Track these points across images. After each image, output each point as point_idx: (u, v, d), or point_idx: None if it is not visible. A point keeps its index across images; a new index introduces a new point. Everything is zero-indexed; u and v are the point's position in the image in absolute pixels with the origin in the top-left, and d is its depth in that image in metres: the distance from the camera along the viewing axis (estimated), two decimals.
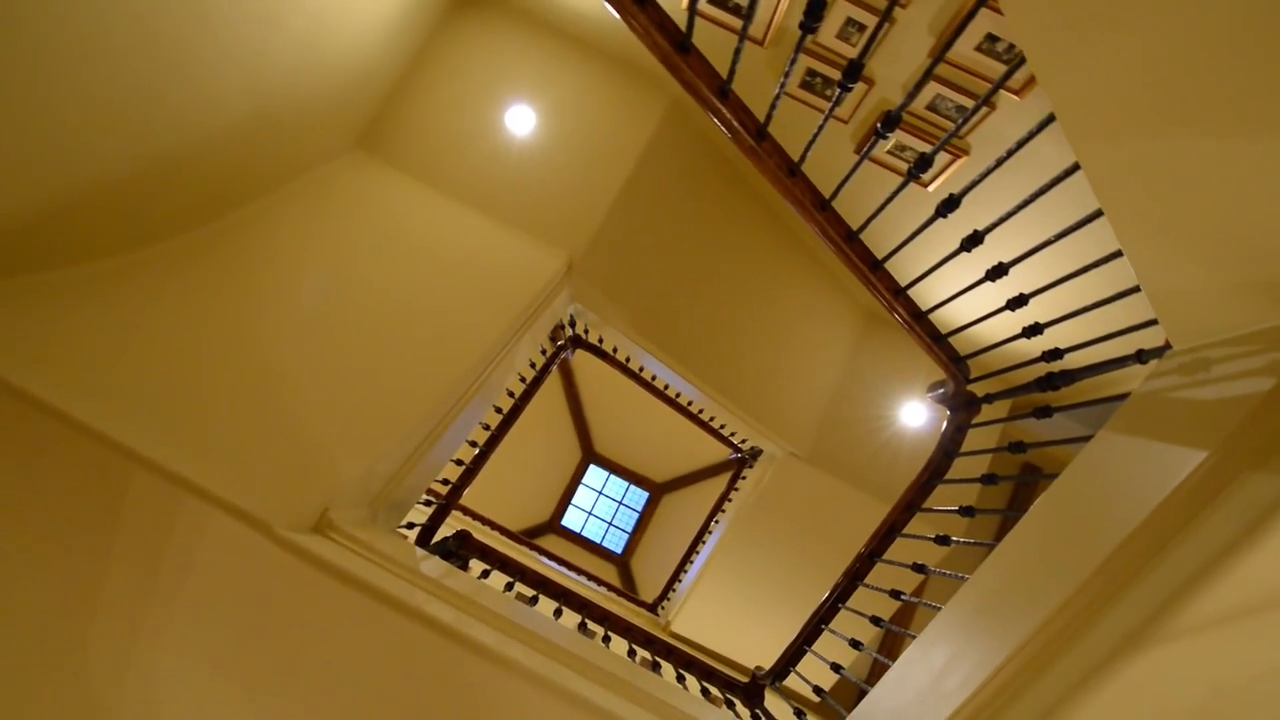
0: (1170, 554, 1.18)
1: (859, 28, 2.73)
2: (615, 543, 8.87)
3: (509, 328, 2.87)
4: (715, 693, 2.92)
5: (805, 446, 4.43)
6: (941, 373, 2.53)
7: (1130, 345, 1.75)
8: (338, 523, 1.99)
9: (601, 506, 8.98)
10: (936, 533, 2.43)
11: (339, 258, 2.82)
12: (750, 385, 4.27)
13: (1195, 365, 1.37)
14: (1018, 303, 1.97)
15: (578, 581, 5.46)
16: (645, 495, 8.92)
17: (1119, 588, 1.21)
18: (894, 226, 2.33)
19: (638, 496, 8.95)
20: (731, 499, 5.60)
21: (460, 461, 3.71)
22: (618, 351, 4.90)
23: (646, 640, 2.99)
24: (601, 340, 4.89)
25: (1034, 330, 2.00)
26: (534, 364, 4.42)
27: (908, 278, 2.25)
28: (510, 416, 4.18)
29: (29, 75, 1.63)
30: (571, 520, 8.89)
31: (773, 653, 2.99)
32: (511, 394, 4.18)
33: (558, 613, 2.67)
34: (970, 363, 2.44)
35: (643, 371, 5.10)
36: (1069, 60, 1.06)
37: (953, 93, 2.76)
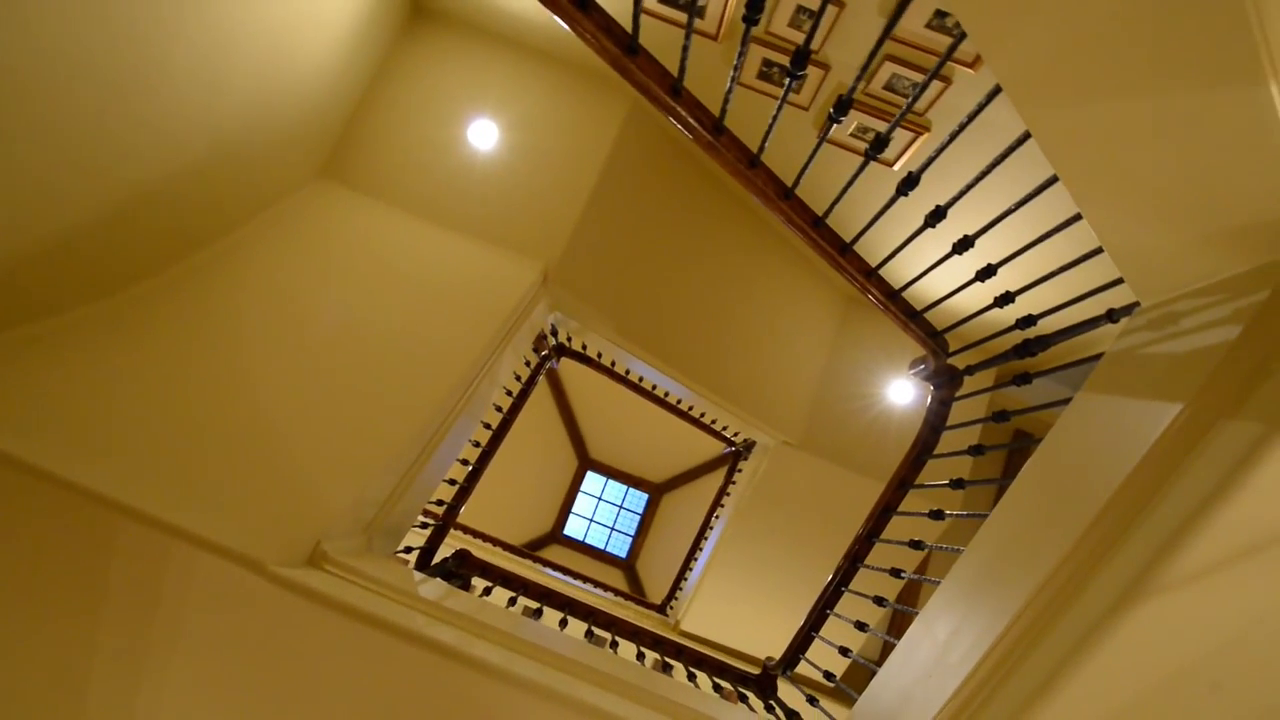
0: (1157, 507, 1.19)
1: (810, 14, 2.74)
2: (619, 547, 8.86)
3: (489, 343, 2.86)
4: (728, 688, 2.92)
5: (797, 434, 4.44)
6: (921, 349, 2.55)
7: (1101, 306, 1.77)
8: (332, 554, 1.97)
9: (602, 512, 8.97)
10: (931, 508, 2.45)
11: (312, 288, 2.80)
12: (737, 378, 4.28)
13: (1164, 320, 1.39)
14: (987, 273, 1.98)
15: (583, 590, 5.44)
16: (645, 497, 8.92)
17: (1111, 544, 1.22)
18: (865, 209, 2.33)
19: (637, 499, 8.95)
20: (730, 493, 5.60)
21: (454, 481, 3.69)
22: (602, 356, 4.89)
23: (655, 642, 2.99)
24: (585, 347, 4.88)
25: (1006, 299, 2.02)
26: (519, 376, 4.41)
27: (881, 258, 2.26)
28: (500, 431, 4.17)
29: None
30: (574, 529, 8.88)
31: (784, 642, 2.99)
32: (499, 408, 4.16)
33: (563, 623, 2.66)
34: (950, 335, 2.45)
35: (629, 374, 5.10)
36: (1007, 31, 1.07)
37: (908, 71, 2.78)
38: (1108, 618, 1.17)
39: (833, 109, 1.55)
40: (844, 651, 2.65)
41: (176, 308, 2.49)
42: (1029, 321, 2.00)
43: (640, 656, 2.80)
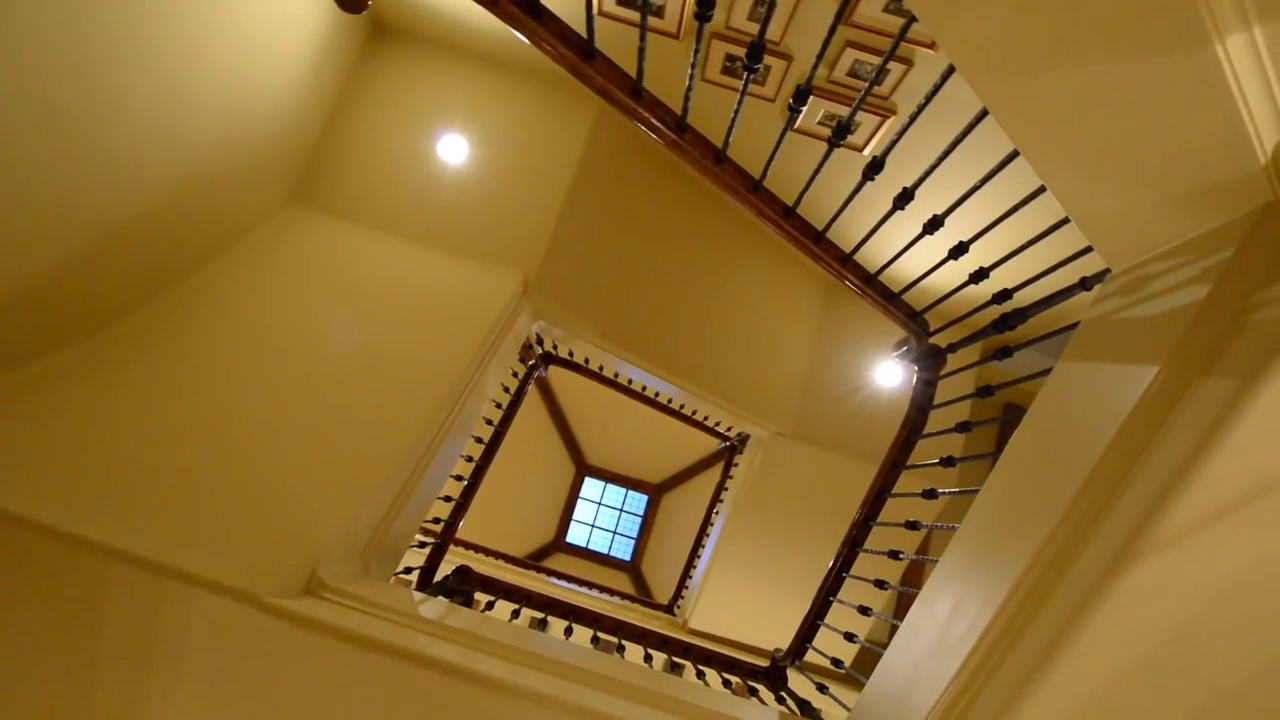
0: (1142, 468, 1.19)
1: (770, 5, 2.75)
2: (623, 551, 8.85)
3: (474, 357, 2.85)
4: (737, 683, 2.92)
5: (789, 424, 4.45)
6: (903, 331, 2.56)
7: (1075, 274, 1.78)
8: (328, 581, 1.96)
9: (604, 517, 8.96)
10: (925, 488, 2.45)
11: (292, 315, 2.78)
12: (726, 373, 4.28)
13: (1135, 284, 1.40)
14: (959, 250, 1.99)
15: (588, 596, 5.43)
16: (644, 499, 8.92)
17: (1101, 509, 1.23)
18: (839, 196, 2.33)
19: (637, 501, 8.95)
20: (727, 487, 5.61)
21: (449, 497, 3.68)
22: (590, 362, 4.89)
23: (663, 643, 2.99)
24: (572, 353, 4.88)
25: (980, 275, 2.03)
26: (507, 388, 4.40)
27: (857, 243, 2.27)
28: (492, 444, 4.15)
29: None
30: (576, 535, 8.86)
31: (792, 632, 2.99)
32: (490, 421, 4.15)
33: (568, 631, 2.65)
34: (930, 315, 2.46)
35: (618, 377, 5.10)
36: (953, 9, 1.08)
37: (871, 56, 2.79)
38: (1105, 580, 1.17)
39: (792, 99, 1.55)
40: (849, 637, 2.65)
41: (156, 344, 2.47)
42: (1005, 296, 2.01)
43: (648, 658, 2.80)
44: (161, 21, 2.04)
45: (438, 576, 3.20)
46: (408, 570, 3.04)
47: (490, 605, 2.78)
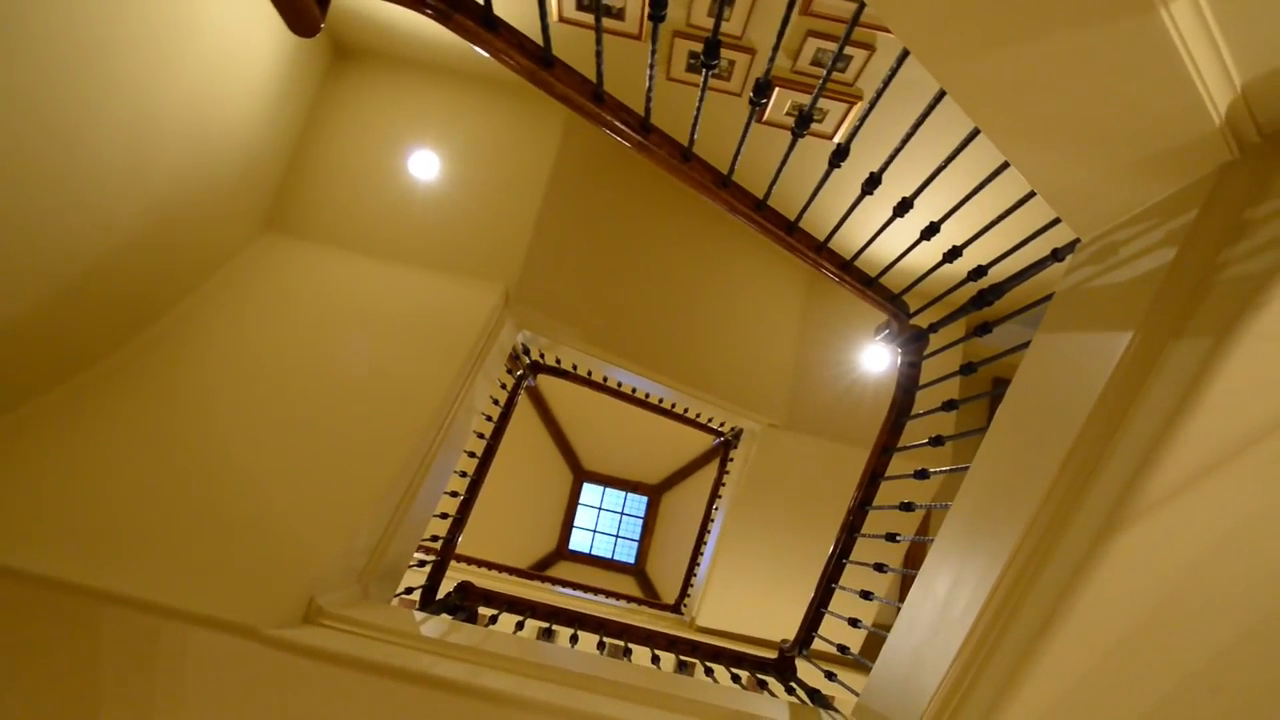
0: (1125, 433, 1.20)
1: (729, 2, 2.76)
2: (627, 554, 8.85)
3: (459, 372, 2.84)
4: (747, 677, 2.92)
5: (781, 415, 4.46)
6: (884, 314, 2.57)
7: (1046, 246, 1.80)
8: (327, 607, 1.94)
9: (605, 522, 8.95)
10: (917, 468, 2.46)
11: (273, 343, 2.77)
12: (714, 369, 4.29)
13: (1104, 252, 1.41)
14: (931, 231, 2.00)
15: (594, 602, 5.42)
16: (644, 500, 8.92)
17: (1088, 475, 1.23)
18: (812, 185, 2.35)
19: (637, 503, 8.94)
20: (725, 483, 5.62)
21: (446, 514, 3.66)
22: (578, 368, 4.88)
23: (669, 643, 2.99)
24: (559, 360, 4.87)
25: (954, 254, 2.04)
26: (496, 400, 4.39)
27: (830, 232, 2.28)
28: (486, 457, 4.14)
29: None
30: (579, 542, 8.85)
31: (799, 622, 3.00)
32: (481, 435, 4.14)
33: (574, 639, 2.65)
34: (909, 296, 2.47)
35: (608, 381, 5.10)
36: None
37: (832, 44, 2.80)
38: (1098, 545, 1.18)
39: (753, 93, 1.56)
40: (854, 623, 2.66)
41: (137, 383, 2.45)
42: (980, 272, 2.03)
43: (655, 660, 2.79)
44: (119, 58, 2.03)
45: (440, 594, 3.19)
46: (409, 590, 3.02)
47: (494, 619, 2.76)
